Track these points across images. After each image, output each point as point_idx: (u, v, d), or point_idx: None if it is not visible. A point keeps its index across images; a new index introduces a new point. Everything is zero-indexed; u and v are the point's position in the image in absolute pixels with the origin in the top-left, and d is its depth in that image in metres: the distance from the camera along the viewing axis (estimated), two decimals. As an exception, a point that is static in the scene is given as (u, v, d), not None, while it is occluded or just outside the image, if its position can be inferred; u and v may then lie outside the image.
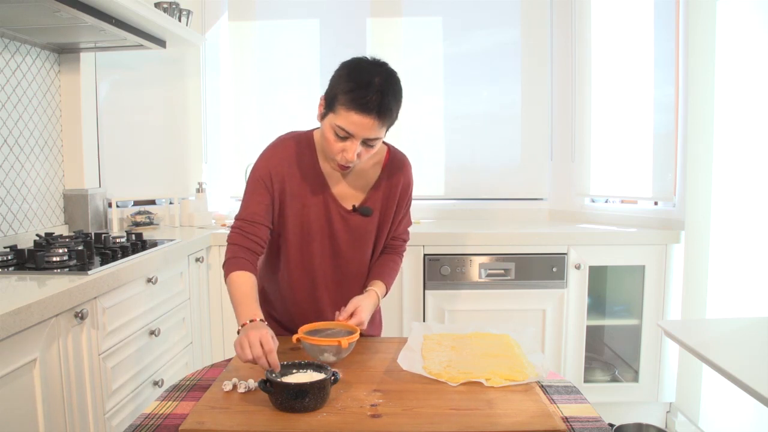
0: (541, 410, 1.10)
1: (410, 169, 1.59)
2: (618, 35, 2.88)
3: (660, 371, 2.66)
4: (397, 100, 1.36)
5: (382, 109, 1.30)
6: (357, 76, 1.32)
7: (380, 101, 1.29)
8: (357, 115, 1.30)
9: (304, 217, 1.50)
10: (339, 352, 1.33)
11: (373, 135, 1.33)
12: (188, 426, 1.05)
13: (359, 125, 1.31)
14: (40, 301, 1.43)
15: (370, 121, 1.30)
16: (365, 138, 1.34)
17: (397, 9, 3.17)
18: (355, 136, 1.33)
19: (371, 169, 1.53)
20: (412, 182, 1.60)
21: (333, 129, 1.35)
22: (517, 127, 3.20)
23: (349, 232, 1.52)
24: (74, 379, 1.61)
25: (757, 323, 1.55)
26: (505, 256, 2.63)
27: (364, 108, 1.29)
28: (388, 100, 1.31)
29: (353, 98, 1.29)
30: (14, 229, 2.25)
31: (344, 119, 1.31)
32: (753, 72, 2.23)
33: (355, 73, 1.33)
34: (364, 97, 1.29)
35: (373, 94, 1.29)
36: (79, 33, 2.22)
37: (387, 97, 1.31)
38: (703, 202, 2.45)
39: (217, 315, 2.68)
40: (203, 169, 3.26)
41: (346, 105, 1.30)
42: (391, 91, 1.32)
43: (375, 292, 1.52)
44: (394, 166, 1.54)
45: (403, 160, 1.57)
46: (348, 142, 1.34)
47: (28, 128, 2.34)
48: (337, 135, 1.34)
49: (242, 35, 3.23)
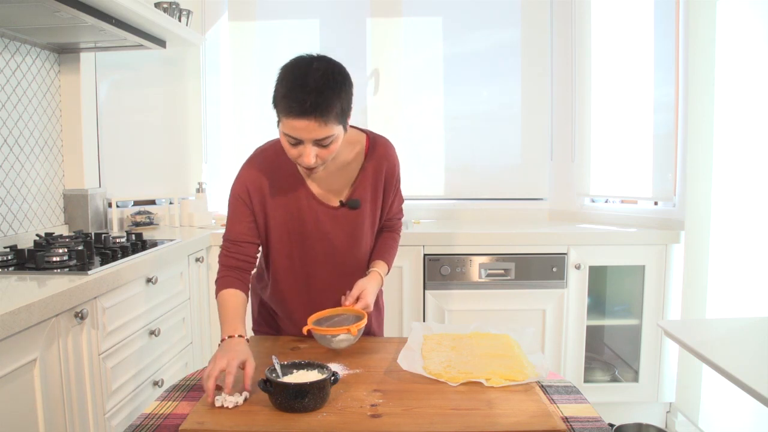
0: (541, 410, 1.10)
1: (393, 150, 1.54)
2: (618, 35, 2.88)
3: (660, 371, 2.66)
4: (339, 93, 1.26)
5: (320, 108, 1.23)
6: (291, 80, 1.26)
7: (316, 101, 1.22)
8: (296, 120, 1.24)
9: (290, 224, 1.47)
10: (349, 338, 1.38)
11: (320, 135, 1.26)
12: (188, 426, 1.05)
13: (302, 129, 1.25)
14: (40, 301, 1.43)
15: (311, 123, 1.24)
16: (315, 140, 1.27)
17: (397, 9, 3.16)
18: (304, 141, 1.27)
19: (353, 161, 1.48)
20: (397, 163, 1.54)
21: (285, 137, 1.30)
22: (517, 127, 3.20)
23: (341, 229, 1.49)
24: (74, 379, 1.61)
25: (757, 323, 1.55)
26: (505, 256, 2.63)
27: (301, 112, 1.23)
28: (325, 98, 1.23)
29: (288, 104, 1.24)
30: (14, 229, 2.25)
31: (287, 126, 1.26)
32: (753, 72, 2.23)
33: (289, 76, 1.27)
34: (298, 99, 1.23)
35: (308, 95, 1.22)
36: (79, 33, 2.22)
37: (324, 94, 1.23)
38: (703, 202, 2.45)
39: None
40: (203, 169, 3.26)
41: (284, 111, 1.25)
42: (328, 86, 1.24)
43: (378, 273, 1.53)
44: (375, 152, 1.50)
45: (385, 144, 1.53)
46: (301, 147, 1.29)
47: (28, 128, 2.34)
48: (289, 142, 1.30)
49: (242, 35, 3.23)
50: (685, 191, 2.54)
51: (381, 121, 3.17)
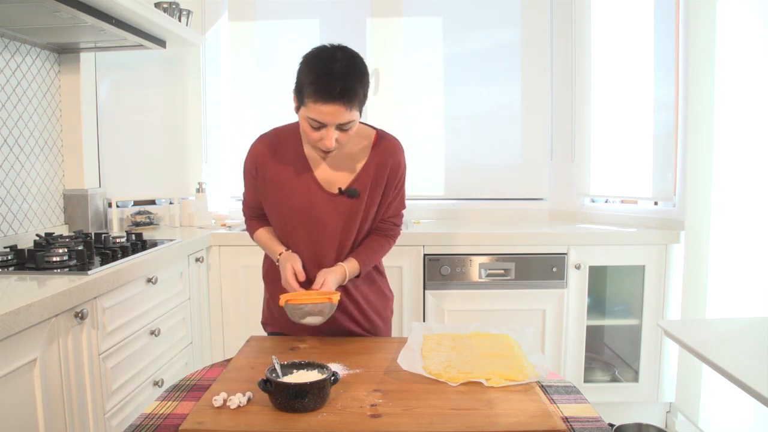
0: (541, 410, 1.10)
1: (400, 151, 1.59)
2: (618, 35, 2.88)
3: (660, 371, 2.66)
4: (362, 81, 1.38)
5: (347, 94, 1.33)
6: (318, 67, 1.35)
7: (343, 87, 1.32)
8: (324, 105, 1.33)
9: (284, 205, 1.54)
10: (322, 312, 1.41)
11: (345, 119, 1.37)
12: (188, 426, 1.05)
13: (328, 114, 1.34)
14: (40, 301, 1.43)
15: (338, 108, 1.34)
16: (338, 124, 1.37)
17: (397, 9, 3.16)
18: (328, 125, 1.37)
19: (359, 152, 1.54)
20: (402, 164, 1.59)
21: (307, 121, 1.38)
22: (517, 127, 3.20)
23: (337, 216, 1.53)
24: (74, 379, 1.61)
25: (757, 323, 1.55)
26: (505, 256, 2.63)
27: (330, 97, 1.32)
28: (351, 84, 1.34)
29: (317, 89, 1.33)
30: (14, 229, 2.25)
31: (314, 111, 1.35)
32: (753, 72, 2.23)
33: (316, 63, 1.36)
34: (327, 86, 1.32)
35: (336, 81, 1.32)
36: (79, 33, 2.22)
37: (349, 81, 1.34)
38: (703, 202, 2.45)
39: (217, 315, 2.68)
40: (203, 169, 3.26)
41: (313, 97, 1.34)
42: (353, 74, 1.35)
43: (343, 268, 1.52)
44: (382, 147, 1.55)
45: (393, 142, 1.58)
46: (323, 131, 1.38)
47: (28, 128, 2.34)
48: (312, 126, 1.38)
49: (242, 35, 3.23)
50: (685, 191, 2.54)
51: (381, 121, 3.16)
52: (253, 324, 2.65)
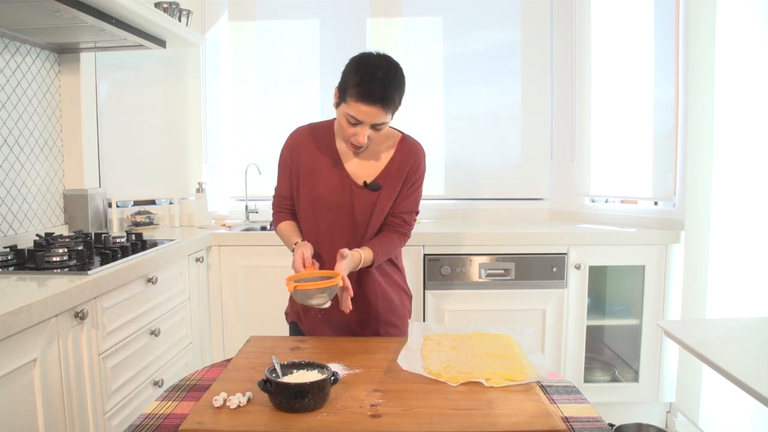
0: (541, 410, 1.10)
1: (422, 154, 1.71)
2: (618, 35, 2.88)
3: (660, 371, 2.66)
4: (399, 89, 1.53)
5: (386, 99, 1.48)
6: (363, 71, 1.50)
7: (383, 93, 1.47)
8: (364, 106, 1.48)
9: (317, 191, 1.65)
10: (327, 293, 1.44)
11: (380, 121, 1.51)
12: (188, 426, 1.05)
13: (367, 114, 1.49)
14: (40, 301, 1.43)
15: (376, 110, 1.48)
16: (373, 123, 1.51)
17: (397, 9, 3.16)
18: (364, 123, 1.51)
19: (385, 152, 1.68)
20: (422, 166, 1.71)
21: (346, 117, 1.52)
22: (517, 127, 3.20)
23: (361, 206, 1.66)
24: (74, 379, 1.61)
25: (757, 323, 1.55)
26: (505, 256, 2.63)
27: (370, 99, 1.47)
28: (390, 92, 1.49)
29: (360, 91, 1.47)
30: (14, 229, 2.25)
31: (354, 109, 1.49)
32: (753, 72, 2.23)
33: (362, 67, 1.51)
34: (369, 89, 1.47)
35: (377, 86, 1.47)
36: (79, 33, 2.22)
37: (389, 88, 1.49)
38: (703, 202, 2.45)
39: (217, 315, 2.68)
40: (203, 169, 3.26)
41: (355, 97, 1.48)
42: (393, 82, 1.50)
43: (359, 253, 1.59)
44: (405, 149, 1.69)
45: (416, 145, 1.72)
46: (359, 128, 1.52)
47: (28, 128, 2.34)
48: (349, 122, 1.52)
49: (242, 35, 3.23)
50: (685, 191, 2.54)
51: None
52: (253, 324, 2.67)
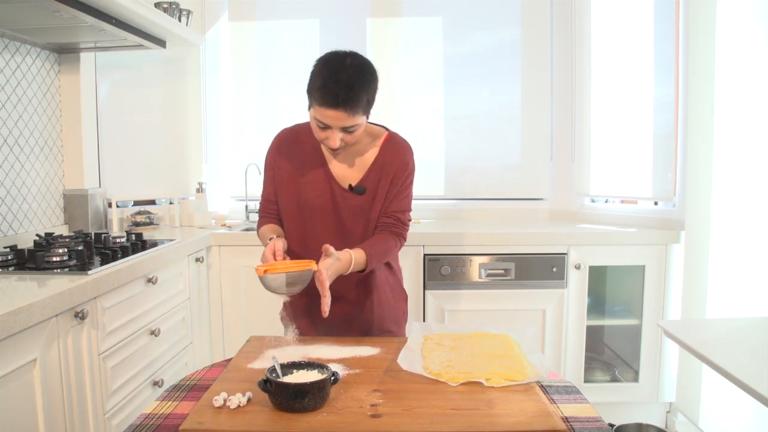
0: (541, 410, 1.10)
1: (408, 152, 1.66)
2: (618, 35, 2.88)
3: (660, 371, 2.66)
4: (368, 89, 1.45)
5: (351, 101, 1.40)
6: (327, 73, 1.42)
7: (347, 95, 1.40)
8: (329, 110, 1.41)
9: (301, 195, 1.61)
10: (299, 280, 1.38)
11: (348, 124, 1.44)
12: (188, 426, 1.05)
13: (332, 118, 1.43)
14: (40, 301, 1.43)
15: (341, 113, 1.41)
16: (342, 127, 1.45)
17: (397, 9, 3.16)
18: (332, 127, 1.45)
19: (369, 151, 1.63)
20: (410, 165, 1.66)
21: (314, 120, 1.47)
22: (517, 127, 3.20)
23: (347, 209, 1.62)
24: (74, 379, 1.61)
25: (757, 323, 1.55)
26: (505, 256, 2.63)
27: (334, 103, 1.40)
28: (356, 93, 1.41)
29: (323, 94, 1.41)
30: (14, 229, 2.25)
31: (319, 113, 1.44)
32: (753, 72, 2.23)
33: (326, 69, 1.43)
34: (332, 92, 1.40)
35: (341, 89, 1.39)
36: (79, 33, 2.22)
37: (354, 89, 1.41)
38: (703, 202, 2.45)
39: (217, 315, 2.68)
40: (203, 169, 3.26)
41: (319, 100, 1.42)
42: (359, 82, 1.42)
43: (349, 254, 1.51)
44: (390, 147, 1.64)
45: (402, 143, 1.67)
46: (329, 132, 1.46)
47: (28, 128, 2.34)
48: (318, 126, 1.47)
49: (242, 35, 3.23)
50: (685, 191, 2.54)
51: (381, 120, 3.13)
52: (253, 324, 2.67)
